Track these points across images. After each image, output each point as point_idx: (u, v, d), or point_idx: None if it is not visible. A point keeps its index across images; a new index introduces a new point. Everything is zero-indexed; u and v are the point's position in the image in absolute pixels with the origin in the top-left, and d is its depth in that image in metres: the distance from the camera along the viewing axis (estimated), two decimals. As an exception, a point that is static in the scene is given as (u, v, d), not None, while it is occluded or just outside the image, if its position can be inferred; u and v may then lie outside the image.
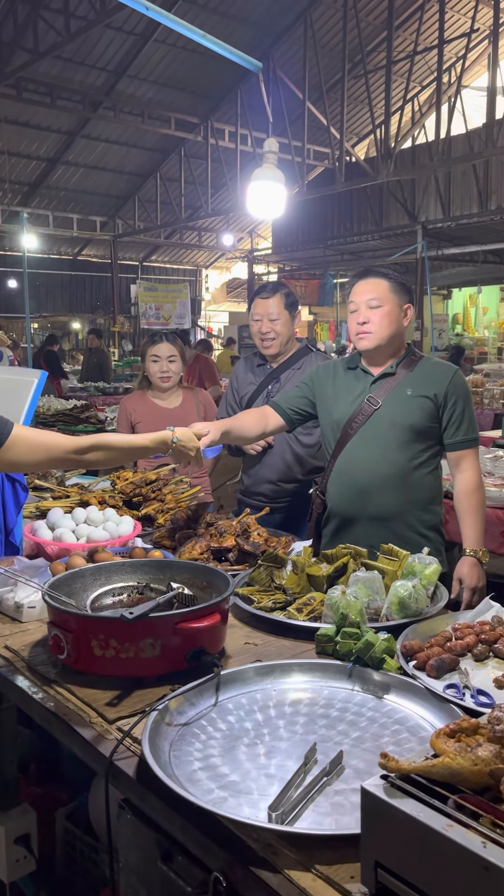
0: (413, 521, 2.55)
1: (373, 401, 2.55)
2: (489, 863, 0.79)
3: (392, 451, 2.53)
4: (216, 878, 1.13)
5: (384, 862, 0.91)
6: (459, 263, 15.78)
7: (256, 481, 3.20)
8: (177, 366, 3.56)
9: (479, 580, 2.46)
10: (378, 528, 2.50)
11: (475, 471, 2.56)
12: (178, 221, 16.98)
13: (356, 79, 13.91)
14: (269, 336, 3.15)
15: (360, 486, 2.56)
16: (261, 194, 3.88)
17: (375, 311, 2.52)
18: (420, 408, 2.51)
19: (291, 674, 1.64)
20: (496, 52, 10.61)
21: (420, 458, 2.54)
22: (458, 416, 2.52)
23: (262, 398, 3.20)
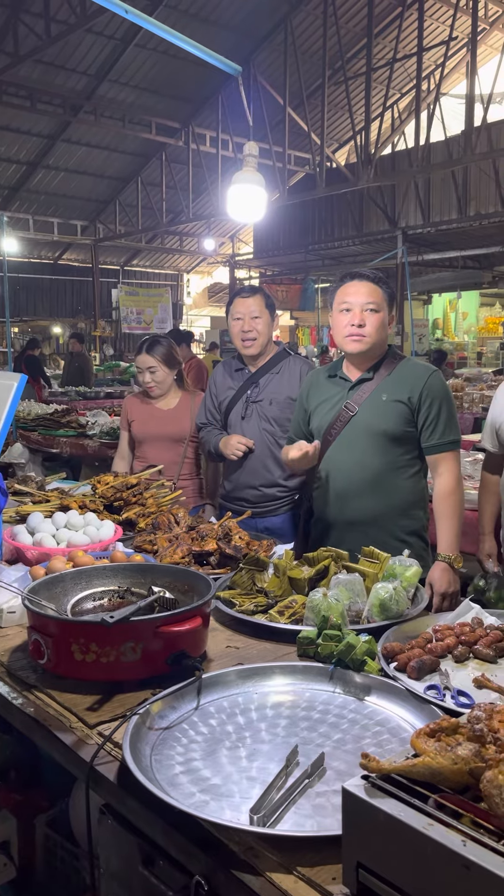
0: (392, 526, 2.55)
1: (350, 407, 2.57)
2: (470, 861, 0.79)
3: (368, 457, 2.53)
4: (198, 881, 1.13)
5: (365, 862, 0.91)
6: (439, 269, 15.92)
7: (238, 486, 3.19)
8: (160, 374, 3.54)
9: (450, 585, 2.45)
10: (357, 534, 2.50)
11: (452, 474, 2.54)
12: (159, 226, 16.98)
13: (336, 85, 14.01)
14: (250, 335, 3.14)
15: (338, 491, 2.58)
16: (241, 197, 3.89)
17: (373, 316, 2.51)
18: (395, 413, 2.51)
19: (273, 676, 1.64)
20: (474, 60, 10.72)
21: (398, 463, 2.54)
22: (433, 419, 2.51)
23: (242, 402, 3.19)
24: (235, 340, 3.21)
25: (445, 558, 2.49)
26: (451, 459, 2.55)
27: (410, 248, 13.03)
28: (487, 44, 15.26)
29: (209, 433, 3.26)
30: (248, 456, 3.12)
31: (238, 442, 3.08)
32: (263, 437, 3.12)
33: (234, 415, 3.20)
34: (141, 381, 3.60)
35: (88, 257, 19.13)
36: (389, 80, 13.15)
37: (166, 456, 3.45)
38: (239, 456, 3.09)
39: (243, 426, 3.16)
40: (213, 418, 3.29)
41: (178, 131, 15.50)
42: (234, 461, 3.13)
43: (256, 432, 3.13)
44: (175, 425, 3.51)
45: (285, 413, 3.11)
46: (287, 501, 3.16)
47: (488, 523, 3.03)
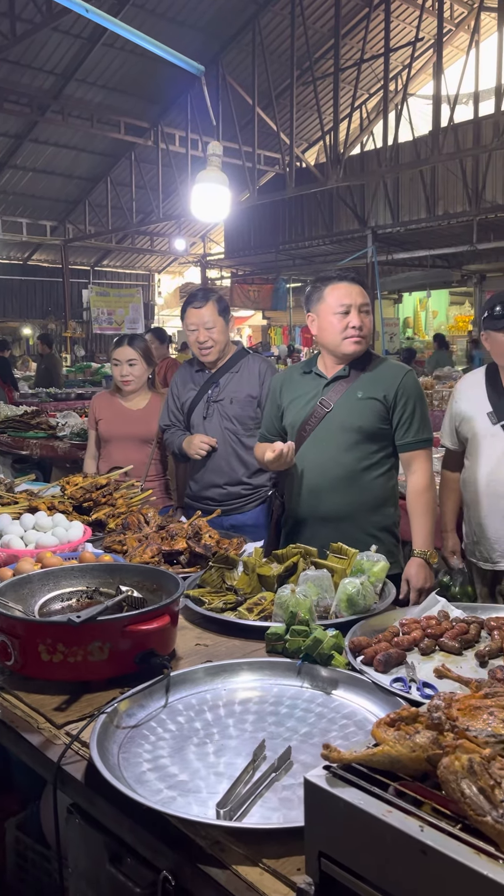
0: (364, 522, 2.57)
1: (325, 403, 2.59)
2: (426, 846, 0.81)
3: (342, 453, 2.55)
4: (165, 877, 1.13)
5: (327, 851, 0.92)
6: (409, 268, 16.05)
7: (203, 486, 3.20)
8: (138, 369, 3.55)
9: (426, 581, 2.49)
10: (329, 529, 2.52)
11: (426, 472, 2.58)
12: (129, 226, 16.90)
13: (305, 85, 14.05)
14: (206, 345, 3.16)
15: (311, 487, 2.60)
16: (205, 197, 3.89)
17: (367, 318, 2.57)
18: (370, 410, 2.54)
19: (241, 673, 1.65)
20: (440, 61, 10.83)
21: (371, 460, 2.57)
22: (407, 418, 2.55)
23: (204, 403, 3.21)
24: (193, 349, 3.23)
25: (421, 554, 2.53)
26: (425, 457, 2.60)
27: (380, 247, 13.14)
28: (453, 45, 15.42)
29: (173, 434, 3.28)
30: (212, 455, 3.14)
31: (201, 441, 3.11)
32: (226, 435, 3.15)
33: (196, 415, 3.22)
34: (117, 376, 3.58)
35: (58, 258, 18.96)
36: (357, 80, 13.23)
37: (133, 457, 3.44)
38: (203, 455, 3.11)
39: (206, 426, 3.18)
40: (176, 419, 3.30)
41: (147, 131, 15.44)
42: (199, 461, 3.15)
43: (219, 431, 3.15)
44: (143, 426, 3.51)
45: (246, 411, 3.15)
46: (253, 498, 3.18)
47: (450, 520, 3.07)
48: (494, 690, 1.05)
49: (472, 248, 12.37)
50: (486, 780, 0.83)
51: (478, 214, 12.08)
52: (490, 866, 0.77)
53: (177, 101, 14.55)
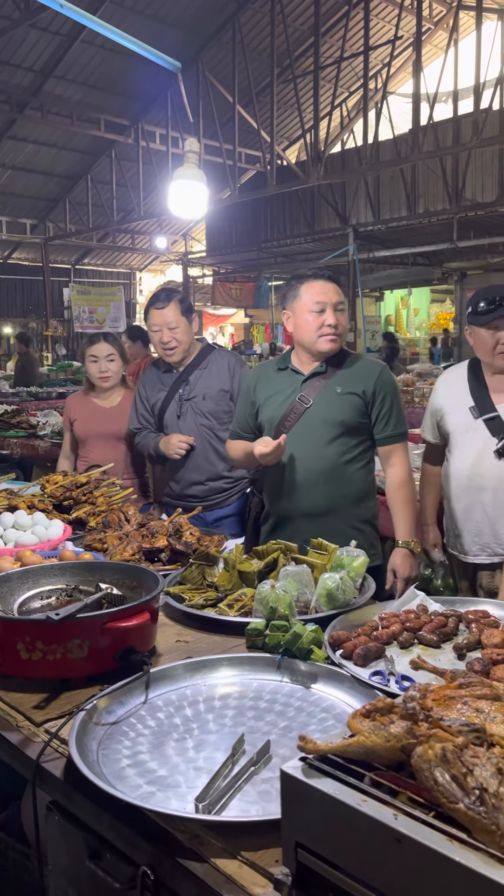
0: (347, 515, 2.60)
1: (304, 399, 2.61)
2: (400, 834, 0.82)
3: (323, 448, 2.58)
4: (144, 871, 1.13)
5: (304, 842, 0.93)
6: (390, 266, 16.09)
7: (185, 485, 3.21)
8: (116, 365, 3.55)
9: (412, 570, 2.55)
10: (312, 524, 2.54)
11: (404, 464, 2.64)
12: (110, 224, 16.82)
13: (285, 83, 14.04)
14: (170, 345, 3.16)
15: (293, 483, 2.61)
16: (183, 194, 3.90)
17: (342, 315, 2.60)
18: (349, 404, 2.57)
19: (221, 668, 1.66)
20: (419, 59, 10.88)
21: (352, 454, 2.60)
22: (386, 412, 2.60)
23: (176, 402, 3.21)
24: (158, 349, 3.24)
25: (405, 544, 2.58)
26: (403, 450, 2.66)
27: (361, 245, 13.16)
28: (432, 43, 15.51)
29: (145, 437, 3.28)
30: (190, 453, 3.15)
31: (179, 441, 3.11)
32: (202, 432, 3.16)
33: (169, 415, 3.22)
34: (95, 372, 3.56)
35: (38, 256, 18.83)
36: (337, 78, 13.26)
37: (110, 455, 3.44)
38: (182, 454, 3.11)
39: (180, 425, 3.19)
40: (146, 422, 3.30)
41: (128, 128, 15.37)
42: (177, 460, 3.15)
43: (194, 428, 3.16)
44: (117, 423, 3.50)
45: (220, 405, 3.17)
46: (234, 491, 3.21)
47: (431, 514, 3.09)
48: (468, 681, 1.06)
49: (452, 245, 12.41)
50: (458, 767, 0.84)
51: (458, 212, 12.14)
52: (462, 852, 0.78)
53: (157, 98, 14.49)
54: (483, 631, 1.77)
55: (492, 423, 2.75)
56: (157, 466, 3.57)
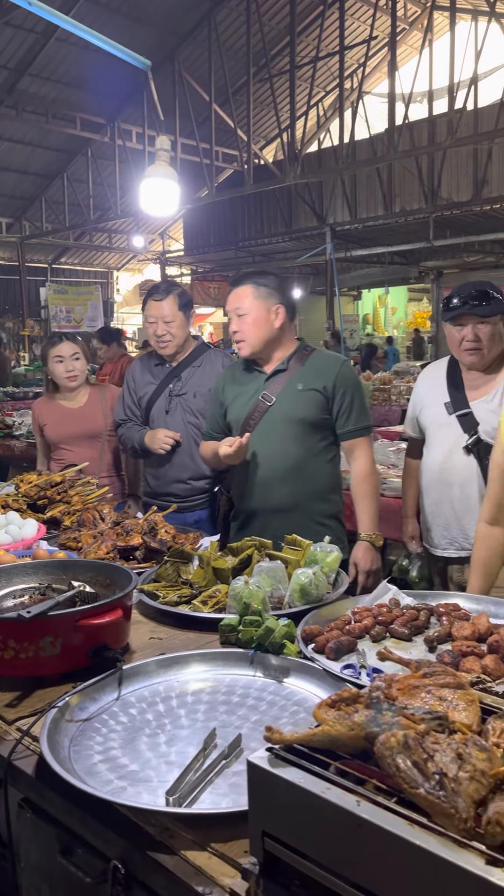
0: (312, 511, 2.63)
1: (267, 397, 2.64)
2: (363, 819, 0.83)
3: (288, 445, 2.61)
4: (115, 865, 1.14)
5: (270, 831, 0.94)
6: (367, 265, 16.20)
7: (165, 482, 3.19)
8: (81, 363, 3.53)
9: (373, 563, 2.58)
10: (279, 520, 2.58)
11: (368, 458, 2.67)
12: (87, 223, 16.73)
13: (262, 82, 14.07)
14: (164, 339, 3.16)
15: (259, 480, 2.64)
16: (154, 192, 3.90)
17: (243, 320, 2.64)
18: (311, 401, 2.60)
19: (193, 664, 1.66)
20: (394, 59, 10.95)
21: (315, 450, 2.63)
22: (347, 407, 2.62)
23: (165, 396, 3.19)
24: (151, 341, 3.23)
25: (367, 538, 2.61)
26: (365, 444, 2.68)
27: (339, 244, 13.22)
28: (407, 43, 15.61)
29: (130, 429, 3.25)
30: (175, 450, 3.12)
31: (165, 436, 3.09)
32: (188, 430, 3.14)
33: (156, 409, 3.20)
34: (62, 372, 3.51)
35: (15, 255, 18.66)
36: (313, 78, 13.30)
37: (85, 454, 3.42)
38: (167, 450, 3.10)
39: (167, 420, 3.16)
40: (132, 414, 3.27)
41: (104, 127, 15.30)
42: (160, 456, 3.13)
43: (181, 425, 3.14)
44: (88, 422, 3.49)
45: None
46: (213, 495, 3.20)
47: (411, 507, 3.13)
48: (433, 670, 1.08)
49: (428, 244, 12.52)
50: (419, 754, 0.85)
51: (434, 211, 12.25)
52: (422, 836, 0.80)
53: (133, 96, 14.45)
54: (454, 624, 1.79)
55: (464, 419, 2.78)
56: (130, 462, 3.56)
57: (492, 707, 1.03)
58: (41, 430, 3.59)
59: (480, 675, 1.52)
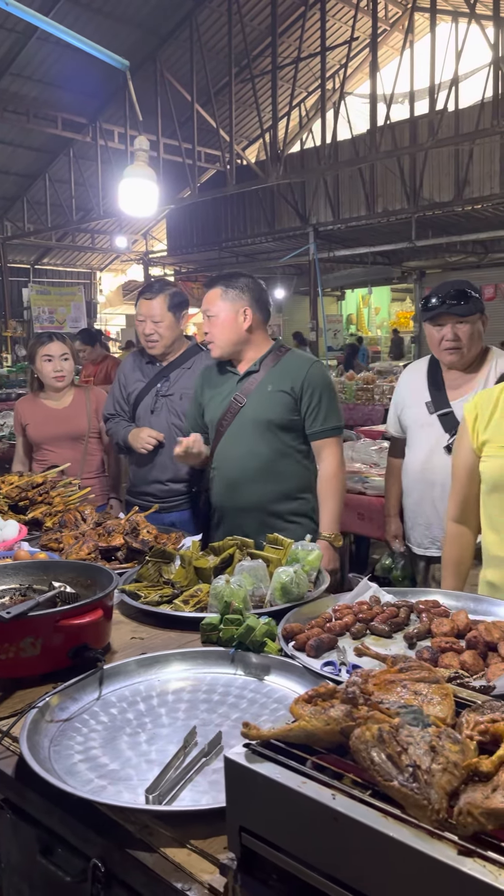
0: (280, 509, 2.68)
1: (239, 398, 2.69)
2: (337, 812, 0.84)
3: (257, 446, 2.65)
4: (94, 864, 1.14)
5: (248, 826, 0.95)
6: (350, 265, 16.25)
7: (144, 481, 3.19)
8: (69, 364, 3.53)
9: (330, 563, 2.62)
10: (250, 519, 2.64)
11: (334, 459, 2.69)
12: (69, 223, 16.65)
13: (244, 83, 14.07)
14: (152, 338, 3.16)
15: (230, 480, 2.70)
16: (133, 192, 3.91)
17: (212, 322, 2.69)
18: (279, 402, 2.64)
19: (174, 663, 1.67)
20: (375, 60, 10.99)
21: (285, 451, 2.67)
22: (314, 407, 2.65)
23: (152, 395, 3.20)
24: (140, 339, 3.22)
25: (326, 537, 2.65)
26: (333, 445, 2.70)
27: (322, 244, 13.26)
28: (388, 44, 15.67)
29: (117, 424, 3.25)
30: (158, 450, 3.13)
31: (148, 436, 3.09)
32: (172, 431, 3.13)
33: (142, 408, 3.20)
34: (49, 372, 3.50)
35: (-3, 256, 18.57)
36: (295, 78, 13.31)
37: (68, 455, 3.41)
38: (149, 450, 3.10)
39: (151, 420, 3.17)
40: (120, 409, 3.28)
41: (86, 127, 15.23)
42: (142, 456, 3.13)
43: (165, 426, 3.14)
44: (72, 423, 3.48)
45: None
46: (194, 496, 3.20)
47: (394, 506, 3.15)
48: (408, 665, 1.09)
49: (411, 244, 12.58)
50: (393, 747, 0.86)
51: (416, 212, 12.30)
52: (396, 827, 0.81)
53: (115, 96, 14.40)
54: (433, 620, 1.81)
55: (445, 419, 2.80)
56: (114, 464, 3.55)
57: (466, 700, 1.04)
58: (23, 429, 3.57)
59: (459, 671, 1.54)
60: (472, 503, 2.15)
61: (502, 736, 0.90)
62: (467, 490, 2.14)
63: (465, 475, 2.13)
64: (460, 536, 2.22)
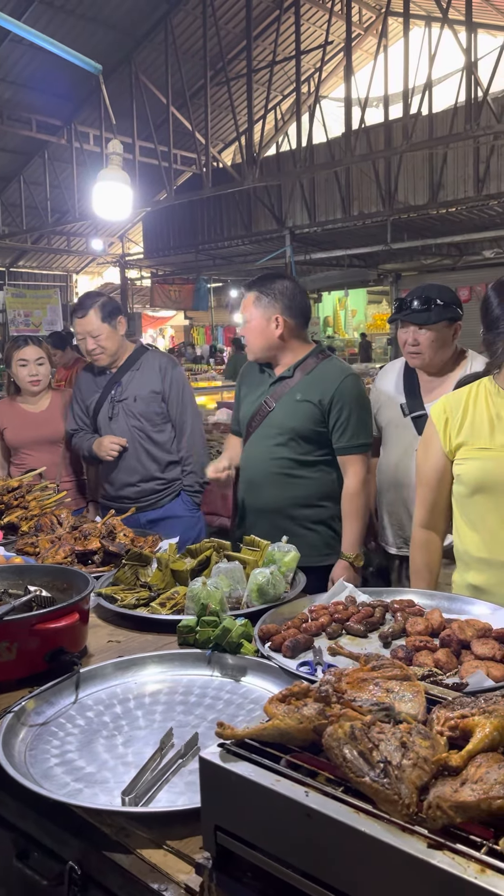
0: (296, 514, 2.67)
1: (269, 403, 2.71)
2: (310, 809, 0.85)
3: (277, 450, 2.67)
4: (71, 867, 1.15)
5: (223, 825, 0.96)
6: (327, 267, 16.33)
7: (118, 486, 3.22)
8: (45, 368, 3.52)
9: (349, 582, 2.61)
10: (264, 521, 2.66)
11: (357, 476, 2.65)
12: (44, 226, 16.55)
13: (219, 86, 14.09)
14: (95, 352, 3.19)
15: (251, 480, 2.74)
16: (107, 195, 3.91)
17: (247, 327, 2.72)
18: (305, 413, 2.63)
19: (151, 666, 1.67)
20: (350, 64, 11.06)
21: (304, 459, 2.66)
22: (343, 422, 2.62)
23: (108, 403, 3.22)
24: (86, 356, 3.27)
25: (346, 557, 2.64)
26: (358, 462, 2.66)
27: (298, 247, 13.32)
28: (363, 49, 15.78)
29: (80, 438, 3.29)
30: (123, 455, 3.17)
31: (111, 443, 3.13)
32: (133, 433, 3.18)
33: (101, 416, 3.24)
34: (25, 376, 3.49)
35: (-29, 259, 18.43)
36: (270, 82, 13.36)
37: (46, 458, 3.41)
38: (114, 456, 3.12)
39: (112, 426, 3.20)
40: (82, 423, 3.31)
41: (60, 129, 15.16)
42: (111, 462, 3.17)
43: (126, 430, 3.18)
44: (49, 426, 3.47)
45: (151, 407, 3.19)
46: (167, 493, 3.22)
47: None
48: (381, 663, 1.11)
49: (386, 247, 12.67)
50: (365, 743, 0.88)
51: (391, 215, 12.40)
52: (367, 822, 0.82)
53: (90, 99, 14.34)
54: (408, 619, 1.83)
55: (418, 421, 2.82)
56: (91, 467, 3.55)
57: (437, 697, 1.06)
58: (1, 433, 3.55)
59: (433, 669, 1.57)
60: (441, 508, 2.14)
61: (472, 731, 0.92)
62: (437, 494, 2.13)
63: (435, 480, 2.11)
64: (429, 542, 2.21)
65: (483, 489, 1.99)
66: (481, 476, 1.99)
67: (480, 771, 0.83)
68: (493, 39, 12.69)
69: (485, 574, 2.03)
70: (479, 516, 2.03)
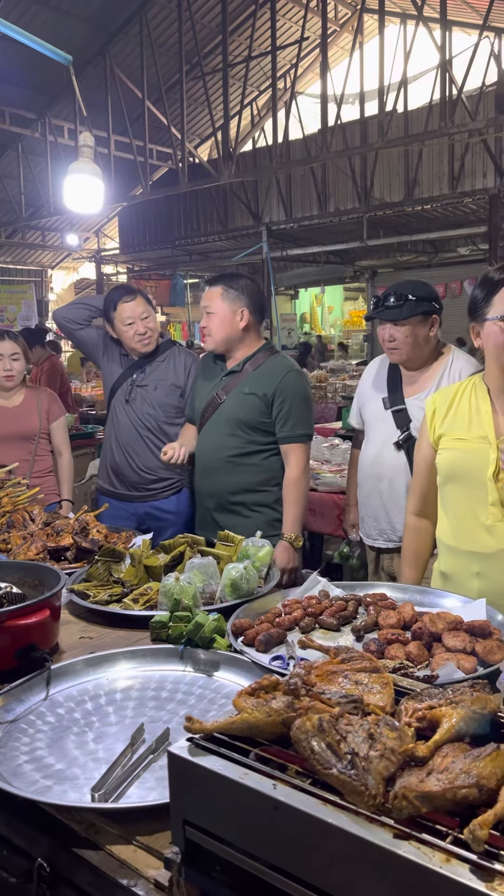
0: (244, 499, 2.85)
1: (220, 395, 2.88)
2: (278, 801, 0.85)
3: (226, 440, 2.84)
4: (39, 864, 1.14)
5: (191, 819, 0.95)
6: (303, 264, 16.35)
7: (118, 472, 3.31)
8: (20, 364, 3.50)
9: (290, 562, 2.74)
10: (213, 503, 2.87)
11: (298, 464, 2.83)
12: (18, 220, 16.37)
13: (195, 80, 14.02)
14: (146, 336, 3.22)
15: (203, 467, 2.91)
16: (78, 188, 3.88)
17: (210, 318, 2.85)
18: (251, 405, 2.82)
19: (122, 662, 1.66)
20: (325, 60, 11.06)
21: (251, 448, 2.84)
22: (284, 414, 2.81)
23: (127, 385, 3.27)
24: (131, 343, 3.22)
25: (287, 538, 2.79)
26: (299, 451, 2.85)
27: (274, 243, 13.30)
28: (338, 45, 15.78)
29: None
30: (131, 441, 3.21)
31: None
32: (146, 421, 3.23)
33: (117, 397, 3.27)
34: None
35: None
36: (246, 77, 13.30)
37: (15, 454, 3.38)
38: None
39: (126, 409, 3.24)
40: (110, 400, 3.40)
41: (34, 122, 14.99)
42: (115, 444, 3.24)
43: (138, 416, 3.22)
44: (22, 422, 3.45)
45: (170, 399, 3.25)
46: (171, 487, 3.27)
47: (353, 496, 3.19)
48: (350, 656, 1.11)
49: (362, 244, 12.71)
50: (332, 736, 0.88)
51: (367, 211, 12.43)
52: (334, 814, 0.82)
53: (64, 92, 14.19)
54: (380, 613, 1.84)
55: (398, 415, 2.84)
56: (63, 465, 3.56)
57: (406, 689, 1.07)
58: None
59: (404, 661, 1.58)
60: (431, 497, 2.21)
61: (439, 722, 0.93)
62: (427, 483, 2.21)
63: (425, 469, 2.20)
64: (419, 530, 2.28)
65: (454, 478, 2.05)
66: (452, 465, 2.05)
67: (446, 761, 0.84)
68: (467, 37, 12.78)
69: (451, 561, 2.09)
70: (450, 505, 2.09)
